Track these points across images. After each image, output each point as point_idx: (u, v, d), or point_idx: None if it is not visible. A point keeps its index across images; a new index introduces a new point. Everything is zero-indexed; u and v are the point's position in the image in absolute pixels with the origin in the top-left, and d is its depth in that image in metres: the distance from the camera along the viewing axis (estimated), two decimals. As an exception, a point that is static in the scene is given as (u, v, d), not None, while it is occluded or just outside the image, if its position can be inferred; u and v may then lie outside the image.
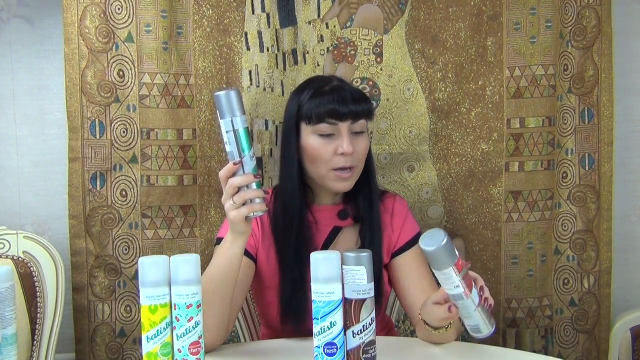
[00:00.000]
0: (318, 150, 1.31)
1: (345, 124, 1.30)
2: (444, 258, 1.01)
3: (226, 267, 1.18)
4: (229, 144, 1.11)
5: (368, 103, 1.34)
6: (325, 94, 1.31)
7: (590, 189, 1.80)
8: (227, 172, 1.12)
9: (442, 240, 1.00)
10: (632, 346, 1.73)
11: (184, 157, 1.71)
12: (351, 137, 1.30)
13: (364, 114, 1.32)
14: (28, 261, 1.58)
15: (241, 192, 1.12)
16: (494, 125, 1.75)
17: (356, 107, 1.30)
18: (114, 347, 1.72)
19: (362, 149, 1.33)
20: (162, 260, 0.98)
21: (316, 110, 1.30)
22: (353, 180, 1.34)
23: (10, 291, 1.09)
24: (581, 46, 1.77)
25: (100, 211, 1.69)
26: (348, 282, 0.97)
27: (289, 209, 1.34)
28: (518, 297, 1.80)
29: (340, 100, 1.29)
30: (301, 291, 1.30)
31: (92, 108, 1.67)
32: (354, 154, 1.31)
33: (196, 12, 1.70)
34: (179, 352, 0.98)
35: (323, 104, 1.29)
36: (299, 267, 1.31)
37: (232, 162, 1.11)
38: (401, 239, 1.39)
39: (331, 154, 1.30)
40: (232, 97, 1.09)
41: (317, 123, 1.30)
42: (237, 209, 1.12)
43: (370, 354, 0.98)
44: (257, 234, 1.37)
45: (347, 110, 1.29)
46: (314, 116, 1.30)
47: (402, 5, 1.75)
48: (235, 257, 1.18)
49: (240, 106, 1.10)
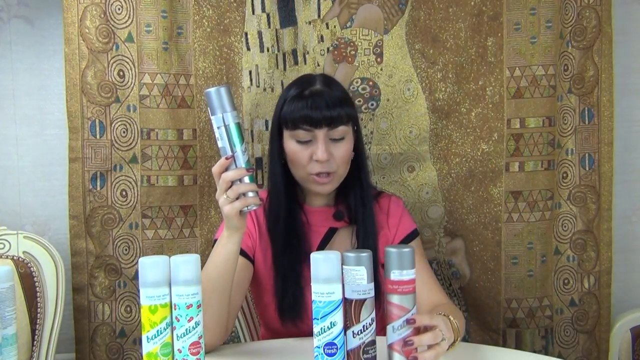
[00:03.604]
0: (295, 154, 1.31)
1: (321, 131, 1.29)
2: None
3: (222, 264, 1.18)
4: (220, 140, 1.12)
5: (345, 108, 1.31)
6: (302, 98, 1.30)
7: (590, 189, 1.80)
8: (220, 167, 1.12)
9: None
10: (632, 346, 1.73)
11: (184, 157, 1.71)
12: (328, 143, 1.30)
13: (340, 119, 1.29)
14: (28, 261, 1.58)
15: (234, 186, 1.12)
16: (494, 125, 1.75)
17: (330, 113, 1.28)
18: (114, 347, 1.72)
19: (340, 154, 1.31)
20: (162, 260, 0.98)
21: (291, 115, 1.30)
22: (332, 184, 1.34)
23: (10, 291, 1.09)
24: (581, 46, 1.77)
25: (100, 211, 1.69)
26: (348, 282, 0.97)
27: (277, 209, 1.35)
28: (518, 297, 1.80)
29: (314, 107, 1.28)
30: (297, 290, 1.31)
31: (92, 108, 1.67)
32: (331, 161, 1.30)
33: (196, 12, 1.70)
34: (179, 352, 0.98)
35: (298, 110, 1.29)
36: (293, 267, 1.32)
37: (224, 157, 1.12)
38: (398, 235, 1.40)
39: (307, 159, 1.31)
40: (222, 93, 1.11)
41: (293, 129, 1.30)
42: (230, 202, 1.12)
43: (370, 354, 0.98)
44: (254, 235, 1.37)
45: (321, 117, 1.28)
46: (290, 122, 1.30)
47: (402, 5, 1.74)
48: (232, 254, 1.18)
49: (230, 102, 1.11)
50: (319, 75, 1.40)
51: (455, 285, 1.83)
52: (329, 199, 1.41)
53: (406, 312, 0.98)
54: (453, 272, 1.82)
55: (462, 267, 1.81)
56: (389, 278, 0.98)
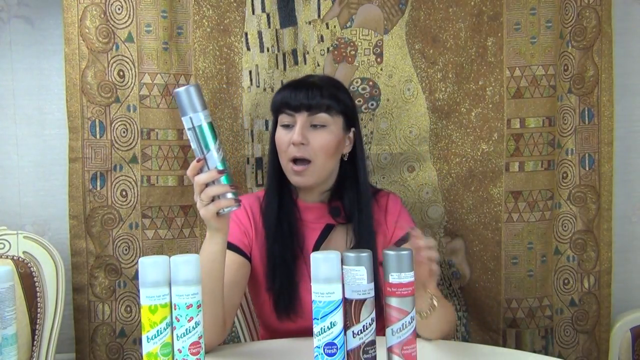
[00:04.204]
0: (279, 139, 1.35)
1: (300, 115, 1.32)
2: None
3: (208, 265, 1.17)
4: (191, 141, 1.09)
5: (327, 99, 1.33)
6: (287, 87, 1.37)
7: (590, 189, 1.80)
8: (192, 170, 1.11)
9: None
10: (632, 346, 1.73)
11: (184, 157, 1.71)
12: (306, 129, 1.33)
13: (319, 107, 1.32)
14: (28, 261, 1.58)
15: (207, 189, 1.10)
16: (494, 125, 1.75)
17: (308, 100, 1.32)
18: (114, 347, 1.72)
19: (318, 142, 1.32)
20: (162, 260, 0.98)
21: (275, 102, 1.37)
22: (309, 175, 1.34)
23: (10, 291, 1.09)
24: (581, 46, 1.77)
25: (100, 211, 1.69)
26: (348, 282, 0.97)
27: (270, 203, 1.37)
28: (518, 297, 1.80)
29: (295, 93, 1.33)
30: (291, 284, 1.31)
31: (92, 108, 1.67)
32: (308, 146, 1.32)
33: (196, 12, 1.70)
34: (179, 352, 0.98)
35: (281, 96, 1.35)
36: (287, 262, 1.33)
37: (195, 160, 1.10)
38: (396, 234, 1.40)
39: (286, 143, 1.34)
40: (191, 93, 1.07)
41: (277, 114, 1.37)
42: (205, 206, 1.11)
43: (370, 354, 0.98)
44: (251, 233, 1.38)
45: (299, 103, 1.32)
46: (275, 108, 1.37)
47: (402, 5, 1.74)
48: (216, 255, 1.17)
49: (200, 101, 1.07)
50: (321, 75, 1.42)
51: (455, 285, 1.83)
52: (322, 196, 1.41)
53: (405, 314, 0.98)
54: (453, 272, 1.82)
55: (462, 267, 1.81)
56: (387, 281, 0.98)
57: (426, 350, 1.23)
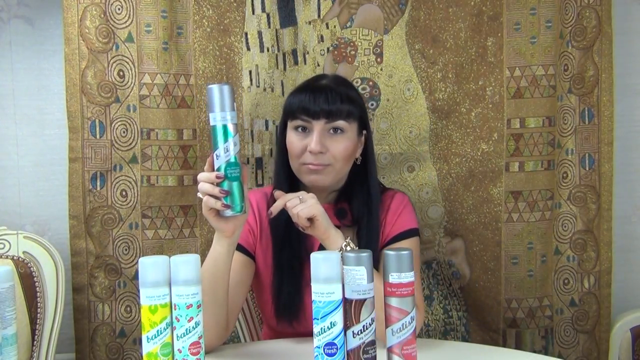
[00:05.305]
0: (292, 144, 1.33)
1: (318, 122, 1.30)
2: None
3: (212, 267, 1.17)
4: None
5: (347, 105, 1.32)
6: (304, 90, 1.34)
7: (590, 189, 1.80)
8: (207, 164, 1.11)
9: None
10: (632, 346, 1.73)
11: (184, 157, 1.71)
12: (325, 136, 1.31)
13: (338, 114, 1.31)
14: (28, 261, 1.58)
15: (199, 185, 1.11)
16: (494, 125, 1.75)
17: (329, 106, 1.30)
18: (114, 347, 1.72)
19: (337, 149, 1.31)
20: (162, 260, 0.98)
21: (292, 106, 1.33)
22: (326, 175, 1.33)
23: (10, 291, 1.09)
24: (581, 46, 1.77)
25: (100, 211, 1.69)
26: (348, 282, 0.97)
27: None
28: (518, 297, 1.80)
29: (314, 98, 1.30)
30: (293, 289, 1.31)
31: (92, 108, 1.67)
32: (327, 154, 1.31)
33: (196, 12, 1.70)
34: (179, 352, 0.98)
35: (298, 100, 1.32)
36: (292, 266, 1.32)
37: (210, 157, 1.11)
38: (392, 231, 1.38)
39: (301, 149, 1.32)
40: (212, 92, 1.06)
41: (293, 119, 1.33)
42: (201, 202, 1.12)
43: (370, 354, 0.98)
44: (256, 233, 1.37)
45: (318, 109, 1.30)
46: (290, 112, 1.34)
47: (402, 5, 1.74)
48: (220, 257, 1.18)
49: (219, 102, 1.06)
50: (331, 74, 1.41)
51: (455, 285, 1.83)
52: (330, 197, 1.40)
53: (405, 314, 0.98)
54: (453, 272, 1.82)
55: (462, 267, 1.81)
56: (387, 281, 0.98)
57: (426, 351, 1.23)
